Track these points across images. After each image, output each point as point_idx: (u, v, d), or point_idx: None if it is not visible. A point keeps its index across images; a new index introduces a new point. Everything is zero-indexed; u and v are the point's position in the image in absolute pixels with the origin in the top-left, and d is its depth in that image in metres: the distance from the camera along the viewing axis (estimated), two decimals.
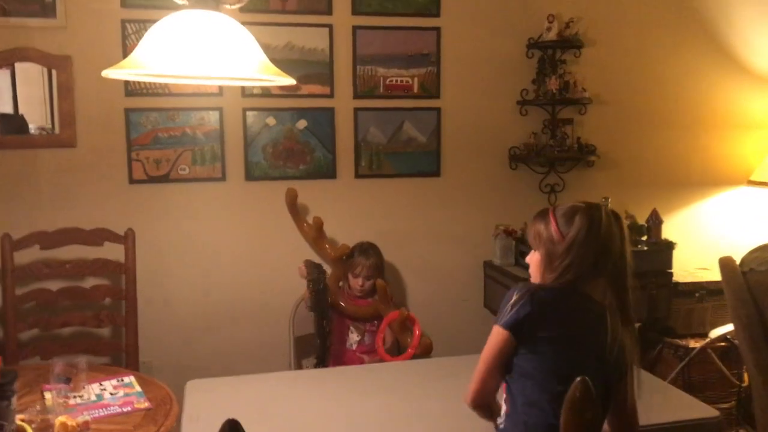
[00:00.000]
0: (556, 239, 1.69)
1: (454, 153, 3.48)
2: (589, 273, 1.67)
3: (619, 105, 3.62)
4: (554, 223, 1.71)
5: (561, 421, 1.38)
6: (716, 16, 3.68)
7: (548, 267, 1.71)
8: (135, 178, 3.15)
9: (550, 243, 1.71)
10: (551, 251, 1.70)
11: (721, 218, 3.81)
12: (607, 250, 1.67)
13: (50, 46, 3.00)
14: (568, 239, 1.66)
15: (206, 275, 3.25)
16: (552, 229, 1.70)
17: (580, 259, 1.65)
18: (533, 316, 1.63)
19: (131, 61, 1.71)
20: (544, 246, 1.72)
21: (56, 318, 2.90)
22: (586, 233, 1.65)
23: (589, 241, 1.65)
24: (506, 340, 1.66)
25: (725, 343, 3.31)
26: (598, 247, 1.66)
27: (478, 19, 3.42)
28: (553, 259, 1.69)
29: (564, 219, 1.70)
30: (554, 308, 1.67)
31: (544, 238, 1.72)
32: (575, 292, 1.68)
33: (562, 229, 1.69)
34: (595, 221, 1.66)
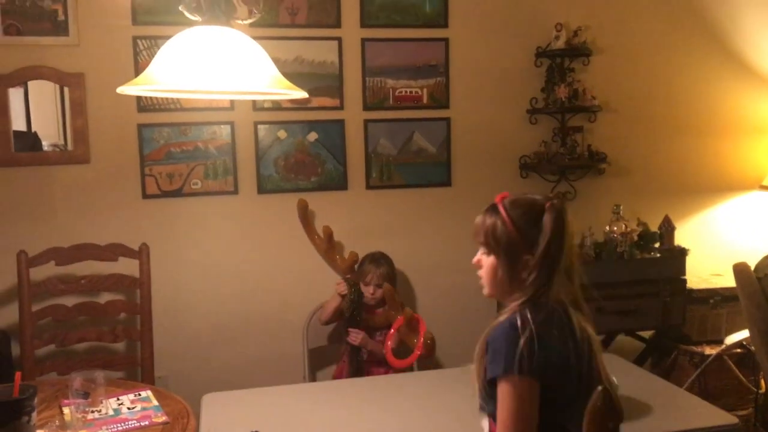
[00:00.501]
0: (520, 245, 1.49)
1: (464, 163, 3.48)
2: (561, 277, 1.49)
3: (628, 112, 3.62)
4: (511, 224, 1.50)
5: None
6: (724, 21, 3.68)
7: (514, 280, 1.51)
8: (148, 193, 3.17)
9: (510, 248, 1.50)
10: (514, 259, 1.50)
11: (733, 224, 3.79)
12: (572, 249, 1.52)
13: (63, 63, 3.03)
14: (541, 248, 1.46)
15: (220, 288, 3.27)
16: (510, 230, 1.50)
17: (554, 267, 1.46)
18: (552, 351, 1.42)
19: (146, 78, 1.73)
20: (504, 251, 1.51)
21: (72, 333, 2.91)
22: (560, 238, 1.47)
23: (562, 246, 1.47)
24: (531, 387, 1.41)
25: (741, 350, 3.29)
26: (569, 250, 1.49)
27: (486, 29, 3.43)
28: (518, 269, 1.50)
29: (525, 219, 1.50)
30: (554, 335, 1.45)
31: (503, 242, 1.51)
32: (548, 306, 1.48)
33: (526, 232, 1.49)
34: (563, 221, 1.49)
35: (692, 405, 2.29)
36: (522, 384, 1.41)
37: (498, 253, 1.53)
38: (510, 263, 1.51)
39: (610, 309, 3.18)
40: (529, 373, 1.39)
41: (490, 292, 1.59)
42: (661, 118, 3.67)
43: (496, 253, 1.53)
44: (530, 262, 1.48)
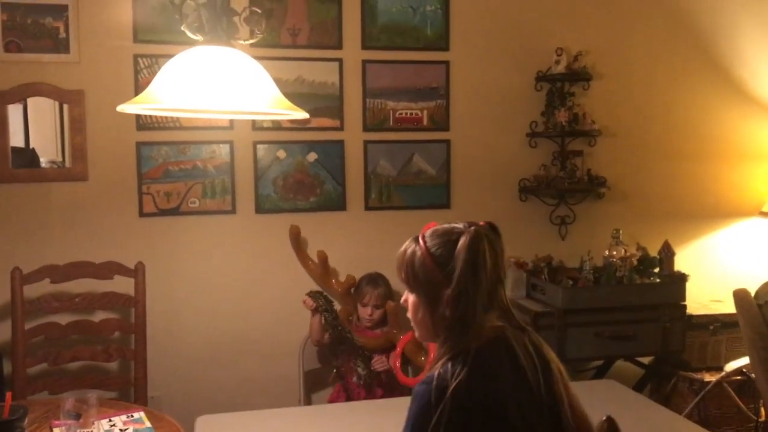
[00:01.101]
0: (438, 278, 1.35)
1: (464, 185, 3.47)
2: (485, 310, 1.34)
3: (628, 137, 3.62)
4: (427, 255, 1.36)
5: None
6: (724, 48, 3.69)
7: (436, 318, 1.37)
8: (145, 211, 3.15)
9: (428, 282, 1.37)
10: (434, 294, 1.36)
11: (733, 250, 3.78)
12: (498, 279, 1.38)
13: (63, 81, 3.03)
14: (455, 281, 1.32)
15: (216, 308, 3.24)
16: (426, 263, 1.37)
17: (472, 302, 1.32)
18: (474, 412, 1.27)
19: (146, 96, 1.72)
20: (422, 286, 1.38)
21: (65, 352, 2.88)
22: (474, 272, 1.33)
23: (477, 280, 1.33)
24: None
25: (741, 377, 3.26)
26: (486, 281, 1.34)
27: (487, 52, 3.44)
28: (438, 306, 1.35)
29: (442, 249, 1.36)
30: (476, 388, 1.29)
31: (420, 277, 1.38)
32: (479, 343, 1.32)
33: (443, 264, 1.34)
34: (476, 248, 1.34)
35: None
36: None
37: (417, 290, 1.40)
38: (429, 300, 1.37)
39: (608, 334, 3.15)
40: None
41: (418, 335, 1.45)
42: (660, 143, 3.67)
43: (416, 289, 1.40)
44: (448, 297, 1.33)
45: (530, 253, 3.41)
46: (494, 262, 1.37)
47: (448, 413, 1.23)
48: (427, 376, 1.30)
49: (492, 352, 1.32)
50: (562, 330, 3.10)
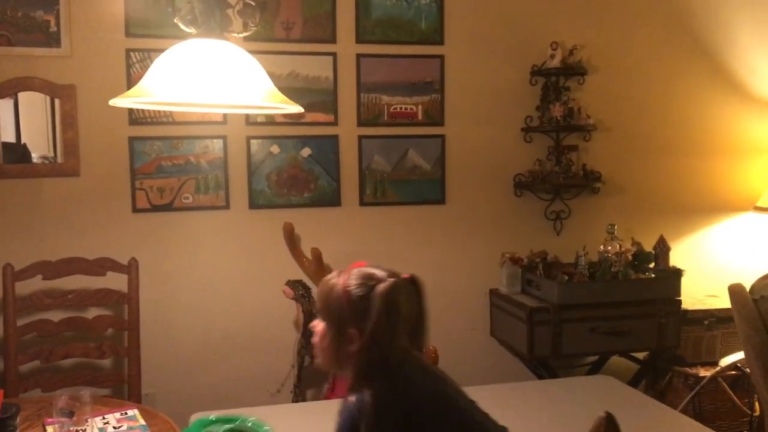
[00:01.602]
0: (348, 315, 1.42)
1: (458, 180, 3.46)
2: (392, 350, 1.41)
3: (623, 131, 3.61)
4: (344, 292, 1.42)
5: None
6: (719, 43, 3.69)
7: (342, 353, 1.43)
8: (138, 207, 3.13)
9: (339, 318, 1.43)
10: (341, 329, 1.42)
11: (728, 245, 3.78)
12: (405, 324, 1.44)
13: (54, 75, 3.00)
14: (369, 327, 1.38)
15: (210, 304, 3.22)
16: (342, 299, 1.42)
17: (380, 345, 1.39)
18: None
19: (139, 90, 1.70)
20: (332, 319, 1.44)
21: (58, 349, 2.85)
22: (387, 321, 1.39)
23: (389, 328, 1.39)
24: None
25: (736, 372, 3.27)
26: (397, 329, 1.42)
27: (482, 46, 3.43)
28: (344, 342, 1.42)
29: (359, 290, 1.42)
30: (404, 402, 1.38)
31: (333, 310, 1.44)
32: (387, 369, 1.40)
33: (355, 304, 1.40)
34: (394, 305, 1.41)
35: (689, 429, 2.26)
36: None
37: (326, 320, 1.46)
38: (335, 332, 1.43)
39: (604, 330, 3.15)
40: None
41: (320, 361, 1.51)
42: (656, 137, 3.66)
43: (325, 319, 1.46)
44: (354, 336, 1.40)
45: (525, 249, 3.40)
46: (408, 313, 1.44)
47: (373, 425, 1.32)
48: (346, 405, 1.38)
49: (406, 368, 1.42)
50: (558, 325, 3.10)
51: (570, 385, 2.78)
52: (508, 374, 3.49)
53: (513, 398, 2.56)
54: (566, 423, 2.25)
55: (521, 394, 2.61)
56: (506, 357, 3.53)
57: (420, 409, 1.38)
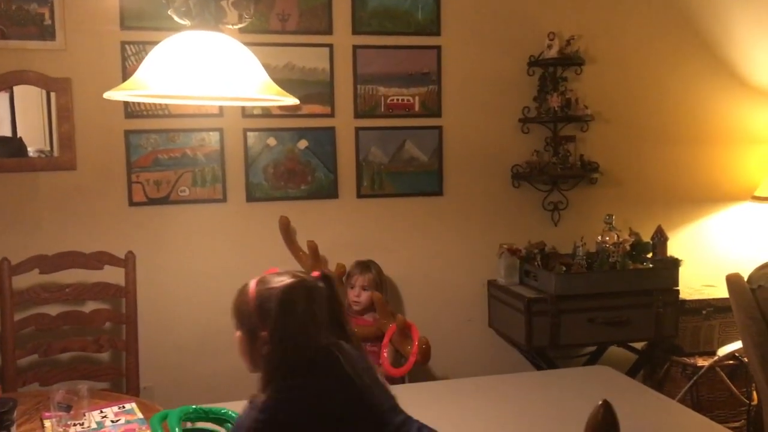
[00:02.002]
0: (256, 320, 1.47)
1: (456, 172, 3.45)
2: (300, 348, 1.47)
3: (621, 121, 3.60)
4: (253, 298, 1.49)
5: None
6: (717, 32, 3.68)
7: (256, 355, 1.49)
8: (135, 200, 3.12)
9: (249, 323, 1.49)
10: (253, 334, 1.48)
11: (726, 234, 3.78)
12: (312, 322, 1.50)
13: (49, 68, 2.98)
14: (269, 327, 1.45)
15: (207, 298, 3.21)
16: (250, 305, 1.49)
17: (284, 344, 1.45)
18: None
19: (133, 83, 1.69)
20: (244, 325, 1.51)
21: (56, 343, 2.85)
22: (283, 319, 1.45)
23: (288, 326, 1.46)
24: None
25: (734, 361, 3.27)
26: (299, 327, 1.48)
27: (479, 37, 3.41)
28: (257, 345, 1.48)
29: (264, 294, 1.48)
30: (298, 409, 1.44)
31: (244, 316, 1.50)
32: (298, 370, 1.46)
33: (261, 307, 1.47)
34: (288, 304, 1.47)
35: (687, 418, 2.27)
36: None
37: (239, 327, 1.52)
38: (249, 337, 1.50)
39: (602, 320, 3.16)
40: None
41: (247, 367, 1.55)
42: (653, 127, 3.66)
43: (239, 326, 1.52)
44: (264, 339, 1.46)
45: (523, 240, 3.40)
46: (309, 314, 1.49)
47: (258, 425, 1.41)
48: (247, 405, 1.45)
49: (303, 375, 1.46)
50: (555, 316, 3.10)
51: (568, 376, 2.78)
52: (507, 365, 3.50)
53: (511, 389, 2.56)
54: (564, 413, 2.25)
55: (519, 385, 2.62)
56: (504, 348, 3.53)
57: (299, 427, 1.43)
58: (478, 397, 2.47)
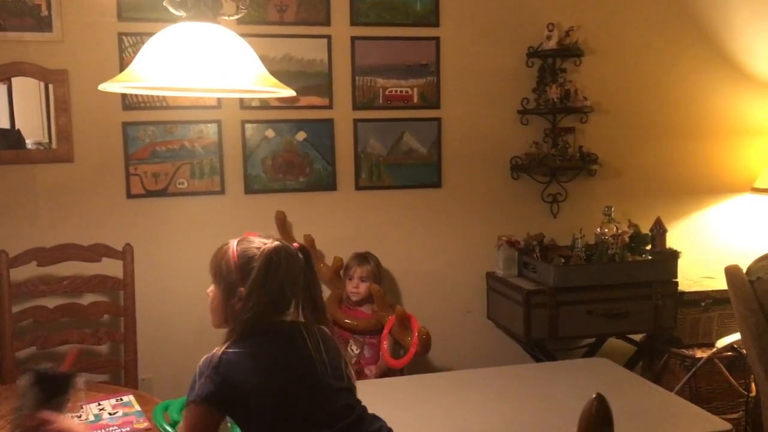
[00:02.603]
0: (237, 277, 1.58)
1: (455, 164, 3.44)
2: (271, 310, 1.60)
3: (620, 113, 3.59)
4: (234, 257, 1.59)
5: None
6: (717, 23, 3.66)
7: (229, 310, 1.60)
8: (133, 192, 3.11)
9: (229, 280, 1.60)
10: (231, 290, 1.59)
11: (725, 226, 3.77)
12: (289, 287, 1.61)
13: (46, 60, 2.97)
14: (249, 283, 1.56)
15: (205, 290, 3.20)
16: (231, 263, 1.59)
17: (259, 301, 1.56)
18: (226, 384, 1.51)
19: (129, 74, 1.68)
20: (223, 282, 1.61)
21: (54, 335, 2.85)
22: (264, 277, 1.56)
23: (267, 284, 1.57)
24: (205, 414, 1.52)
25: (732, 353, 3.27)
26: (277, 288, 1.58)
27: (478, 28, 3.40)
28: (233, 301, 1.59)
29: (245, 254, 1.59)
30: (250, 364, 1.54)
31: (224, 274, 1.61)
32: (261, 331, 1.58)
33: (242, 266, 1.58)
34: (272, 264, 1.57)
35: (685, 410, 2.27)
36: (197, 411, 1.52)
37: (218, 282, 1.63)
38: (226, 292, 1.60)
39: (600, 312, 3.15)
40: (206, 401, 1.50)
41: (213, 321, 1.68)
42: (652, 119, 3.64)
43: (217, 282, 1.63)
44: (242, 294, 1.57)
45: (522, 231, 3.40)
46: (287, 278, 1.60)
47: (211, 372, 1.51)
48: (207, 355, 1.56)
49: (260, 333, 1.58)
50: (554, 308, 3.10)
51: (566, 368, 2.79)
52: (505, 357, 3.50)
53: (509, 381, 2.57)
54: (562, 405, 2.26)
55: (517, 377, 2.62)
56: (503, 340, 3.53)
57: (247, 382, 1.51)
58: (476, 389, 2.47)
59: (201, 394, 1.50)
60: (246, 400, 1.51)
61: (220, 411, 1.53)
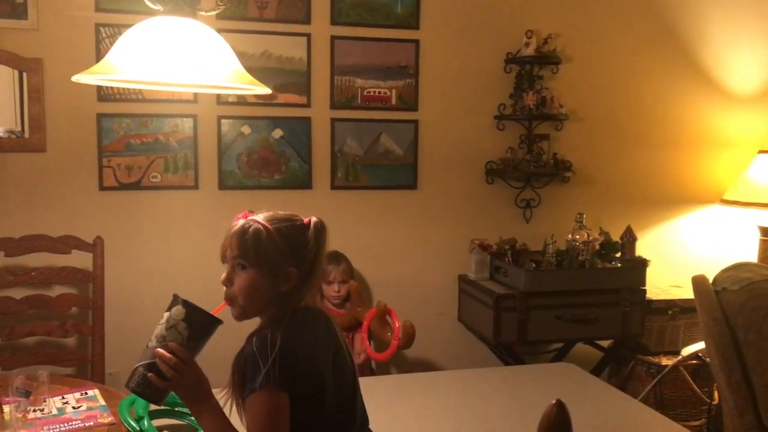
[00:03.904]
0: (286, 256, 1.44)
1: (431, 166, 3.46)
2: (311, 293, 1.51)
3: (594, 122, 3.63)
4: (277, 235, 1.44)
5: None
6: (691, 36, 3.72)
7: (274, 292, 1.45)
8: (105, 184, 3.09)
9: (276, 259, 1.43)
10: (277, 271, 1.43)
11: (694, 236, 3.83)
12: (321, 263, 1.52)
13: (21, 48, 2.94)
14: (308, 262, 1.45)
15: (177, 285, 3.15)
16: (276, 241, 1.43)
17: (314, 280, 1.48)
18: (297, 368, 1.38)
19: (103, 66, 1.67)
20: (268, 263, 1.43)
21: (20, 327, 2.81)
22: (320, 254, 1.47)
23: (320, 260, 1.49)
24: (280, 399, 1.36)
25: (697, 361, 3.32)
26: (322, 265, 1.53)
27: (458, 32, 3.42)
28: (279, 282, 1.44)
29: (290, 231, 1.46)
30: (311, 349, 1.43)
31: (269, 254, 1.43)
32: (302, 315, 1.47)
33: (291, 244, 1.45)
34: (323, 238, 1.50)
35: (646, 417, 2.30)
36: (270, 397, 1.35)
37: (259, 264, 1.44)
38: (272, 274, 1.44)
39: (569, 317, 3.19)
40: (279, 386, 1.34)
41: (243, 311, 1.49)
42: (626, 128, 3.69)
43: (257, 264, 1.44)
44: (292, 274, 1.45)
45: (495, 236, 3.42)
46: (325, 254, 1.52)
47: (278, 361, 1.34)
48: (260, 334, 1.41)
49: (304, 315, 1.47)
50: (524, 312, 3.12)
51: (533, 372, 2.82)
52: (475, 359, 3.52)
53: (476, 384, 2.59)
54: (525, 409, 2.28)
55: (484, 380, 2.64)
56: (473, 342, 3.56)
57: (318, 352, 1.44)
58: (442, 391, 2.49)
59: (274, 377, 1.33)
60: (313, 386, 1.40)
61: (291, 396, 1.37)
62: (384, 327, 2.97)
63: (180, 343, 1.42)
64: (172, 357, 1.40)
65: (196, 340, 1.45)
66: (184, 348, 1.42)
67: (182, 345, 1.42)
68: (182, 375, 1.40)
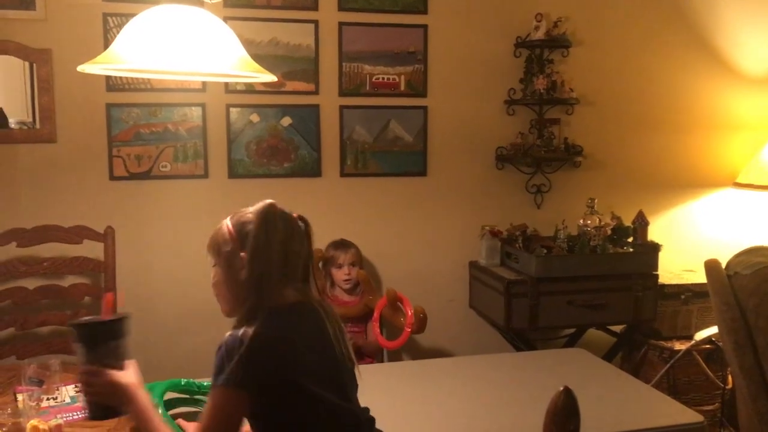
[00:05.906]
0: (235, 245, 1.52)
1: (440, 152, 3.44)
2: (280, 276, 1.53)
3: (605, 105, 3.60)
4: (228, 228, 1.54)
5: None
6: (704, 17, 3.66)
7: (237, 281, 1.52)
8: (115, 174, 3.10)
9: (229, 250, 1.53)
10: (232, 260, 1.52)
11: (706, 220, 3.80)
12: (292, 249, 1.55)
13: (30, 39, 2.94)
14: (249, 244, 1.50)
15: (188, 274, 3.20)
16: (227, 234, 1.54)
17: (264, 261, 1.50)
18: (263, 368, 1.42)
19: (109, 56, 1.66)
20: (224, 255, 1.54)
21: (33, 317, 2.84)
22: (264, 234, 1.51)
23: (268, 242, 1.51)
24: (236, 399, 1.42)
25: (710, 346, 3.30)
26: (279, 248, 1.52)
27: (466, 17, 3.39)
28: (236, 269, 1.51)
29: (239, 222, 1.54)
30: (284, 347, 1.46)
31: (222, 247, 1.54)
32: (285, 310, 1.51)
33: (238, 232, 1.53)
34: (266, 219, 1.53)
35: (658, 402, 2.29)
36: (227, 395, 1.43)
37: (218, 259, 1.56)
38: (228, 265, 1.53)
39: (581, 303, 3.17)
40: (239, 385, 1.40)
41: (223, 308, 1.60)
42: (637, 112, 3.65)
43: (218, 259, 1.56)
44: (244, 260, 1.50)
45: (505, 221, 3.41)
46: (288, 238, 1.54)
47: (246, 356, 1.39)
48: (231, 334, 1.46)
49: (287, 312, 1.50)
50: (535, 298, 3.11)
51: (544, 358, 2.81)
52: (486, 345, 3.52)
53: (487, 370, 2.58)
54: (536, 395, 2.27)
55: (495, 366, 2.64)
56: (485, 328, 3.55)
57: (294, 351, 1.45)
58: (453, 377, 2.49)
59: (234, 377, 1.39)
60: (282, 386, 1.44)
61: (252, 396, 1.42)
62: (396, 313, 2.98)
63: (84, 362, 1.50)
64: (82, 377, 1.50)
65: (95, 350, 1.52)
66: (87, 363, 1.50)
67: (86, 362, 1.50)
68: (95, 388, 1.50)
